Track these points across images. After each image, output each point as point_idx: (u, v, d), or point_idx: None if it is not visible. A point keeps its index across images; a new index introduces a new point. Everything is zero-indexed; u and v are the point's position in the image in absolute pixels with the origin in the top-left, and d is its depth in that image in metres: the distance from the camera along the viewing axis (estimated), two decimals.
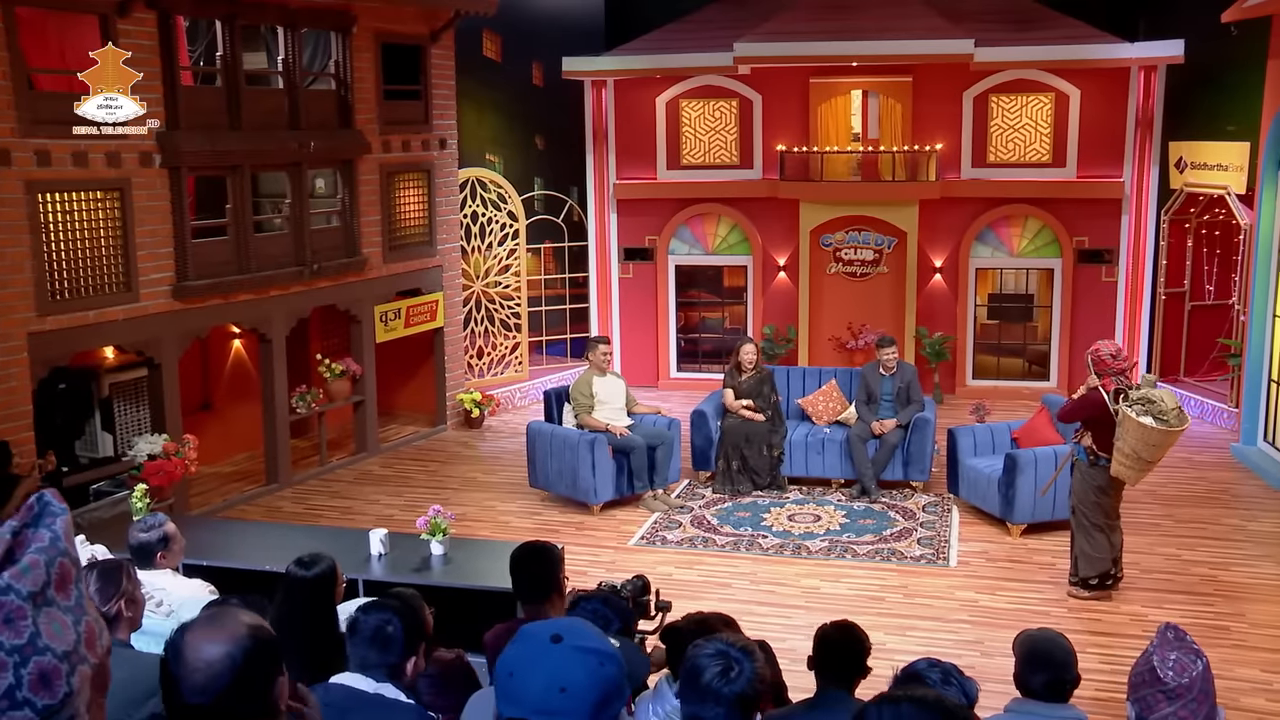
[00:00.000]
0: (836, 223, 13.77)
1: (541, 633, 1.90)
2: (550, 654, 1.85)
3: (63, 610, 1.52)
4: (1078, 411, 7.73)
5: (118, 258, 9.04)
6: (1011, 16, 13.30)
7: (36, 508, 1.59)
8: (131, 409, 9.89)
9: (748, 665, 2.75)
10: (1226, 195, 11.99)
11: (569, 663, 1.84)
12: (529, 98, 15.18)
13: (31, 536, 1.53)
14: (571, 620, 1.98)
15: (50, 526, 1.56)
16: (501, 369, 13.92)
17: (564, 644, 1.87)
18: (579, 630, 1.91)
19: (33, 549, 1.52)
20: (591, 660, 1.86)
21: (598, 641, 1.90)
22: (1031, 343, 13.86)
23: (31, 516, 1.57)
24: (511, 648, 1.92)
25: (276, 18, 10.25)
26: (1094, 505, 7.73)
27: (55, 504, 1.60)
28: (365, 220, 11.29)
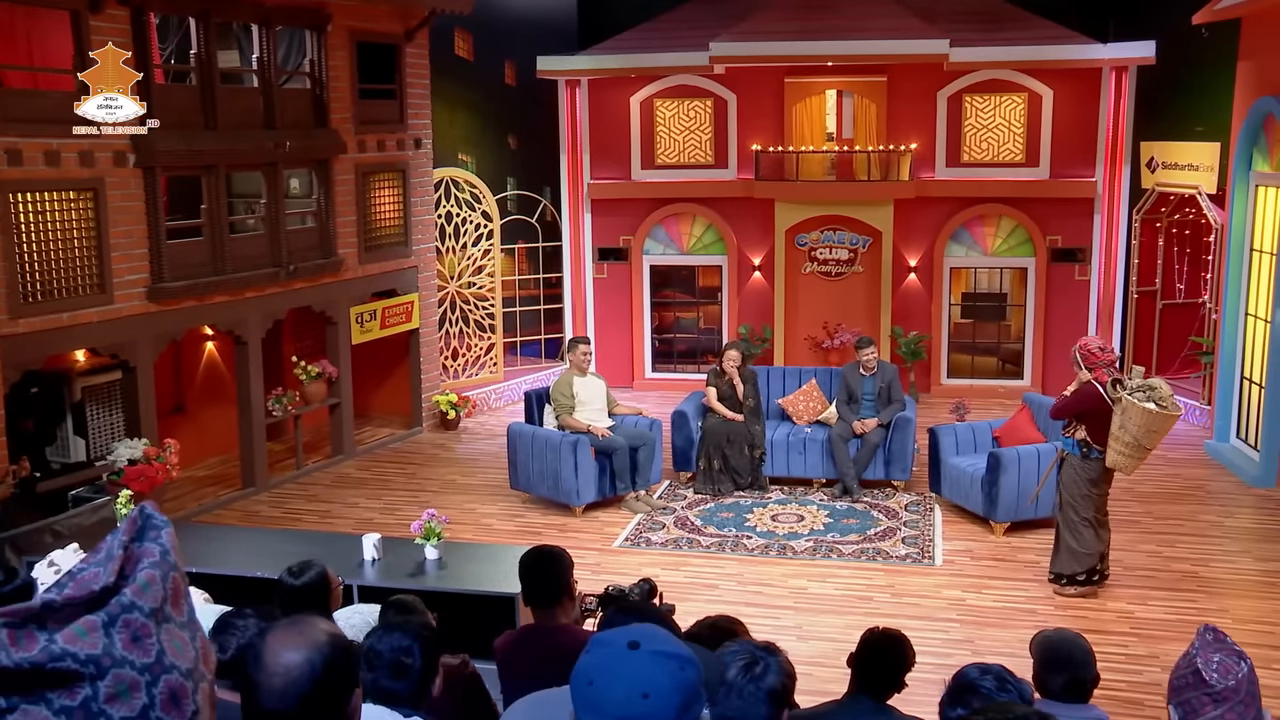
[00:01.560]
0: (811, 222, 13.78)
1: (618, 640, 1.86)
2: (630, 660, 1.82)
3: (179, 626, 1.48)
4: (1074, 405, 7.75)
5: (91, 259, 8.87)
6: (984, 17, 13.38)
7: (140, 521, 1.54)
8: (104, 413, 9.72)
9: (773, 661, 2.73)
10: (1198, 195, 12.13)
11: (650, 668, 1.81)
12: (501, 97, 15.09)
13: (141, 551, 1.49)
14: (644, 626, 1.94)
15: (157, 540, 1.52)
16: (476, 370, 13.83)
17: (642, 650, 1.83)
18: (655, 635, 1.88)
19: (146, 564, 1.47)
20: (672, 664, 1.83)
21: (676, 646, 1.87)
22: (1005, 341, 13.95)
23: (136, 530, 1.52)
24: (588, 656, 1.88)
25: (251, 15, 10.12)
26: (1084, 499, 7.78)
27: (157, 516, 1.56)
28: (341, 221, 11.17)
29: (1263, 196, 10.82)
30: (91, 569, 1.47)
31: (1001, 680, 2.58)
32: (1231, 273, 11.17)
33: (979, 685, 2.60)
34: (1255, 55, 11.01)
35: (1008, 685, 2.57)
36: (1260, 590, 8.13)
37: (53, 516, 7.09)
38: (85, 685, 1.39)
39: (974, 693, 2.59)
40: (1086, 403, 7.65)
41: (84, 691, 1.39)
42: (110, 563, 1.46)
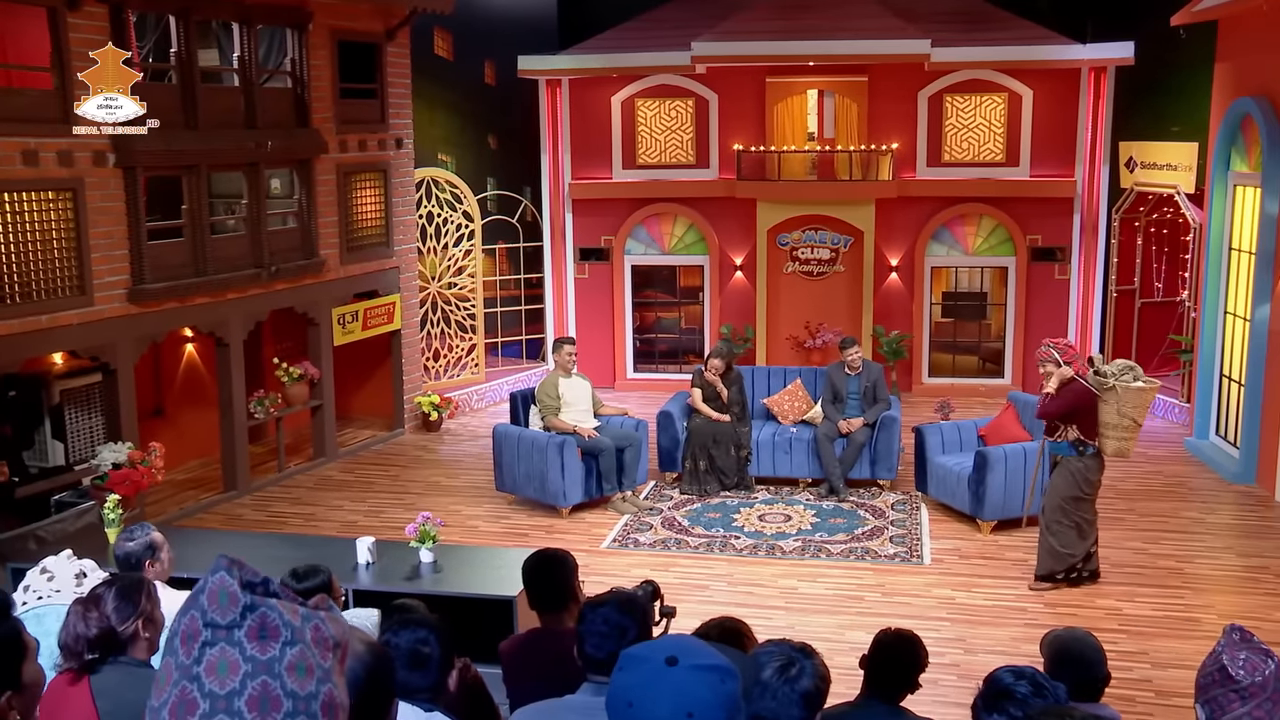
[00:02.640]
0: (793, 222, 13.80)
1: (653, 656, 1.81)
2: (669, 677, 1.77)
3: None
4: (1068, 403, 7.71)
5: (71, 260, 8.74)
6: (965, 17, 13.43)
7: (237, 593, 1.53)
8: (83, 416, 9.57)
9: (809, 664, 2.71)
10: (1176, 194, 12.22)
11: (691, 684, 1.76)
12: (481, 97, 15.01)
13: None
14: (677, 638, 1.89)
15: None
16: (458, 371, 13.75)
17: (681, 665, 1.78)
18: (691, 648, 1.83)
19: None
20: (713, 678, 1.78)
21: (714, 657, 1.82)
22: (986, 340, 14.01)
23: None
24: (624, 675, 1.83)
25: (231, 13, 10.01)
26: (1081, 502, 7.81)
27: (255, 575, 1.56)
28: (323, 221, 11.07)
29: (1241, 196, 10.92)
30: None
31: (1037, 684, 2.57)
32: (1210, 272, 11.26)
33: (1014, 690, 2.58)
34: (1233, 56, 11.11)
35: (1043, 689, 2.56)
36: (1244, 586, 8.20)
37: (36, 522, 6.97)
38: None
39: (1009, 698, 2.57)
40: (1079, 399, 7.67)
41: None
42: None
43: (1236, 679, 2.50)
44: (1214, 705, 2.53)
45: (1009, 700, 2.56)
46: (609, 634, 3.16)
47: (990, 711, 2.57)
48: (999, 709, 2.56)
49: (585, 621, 3.31)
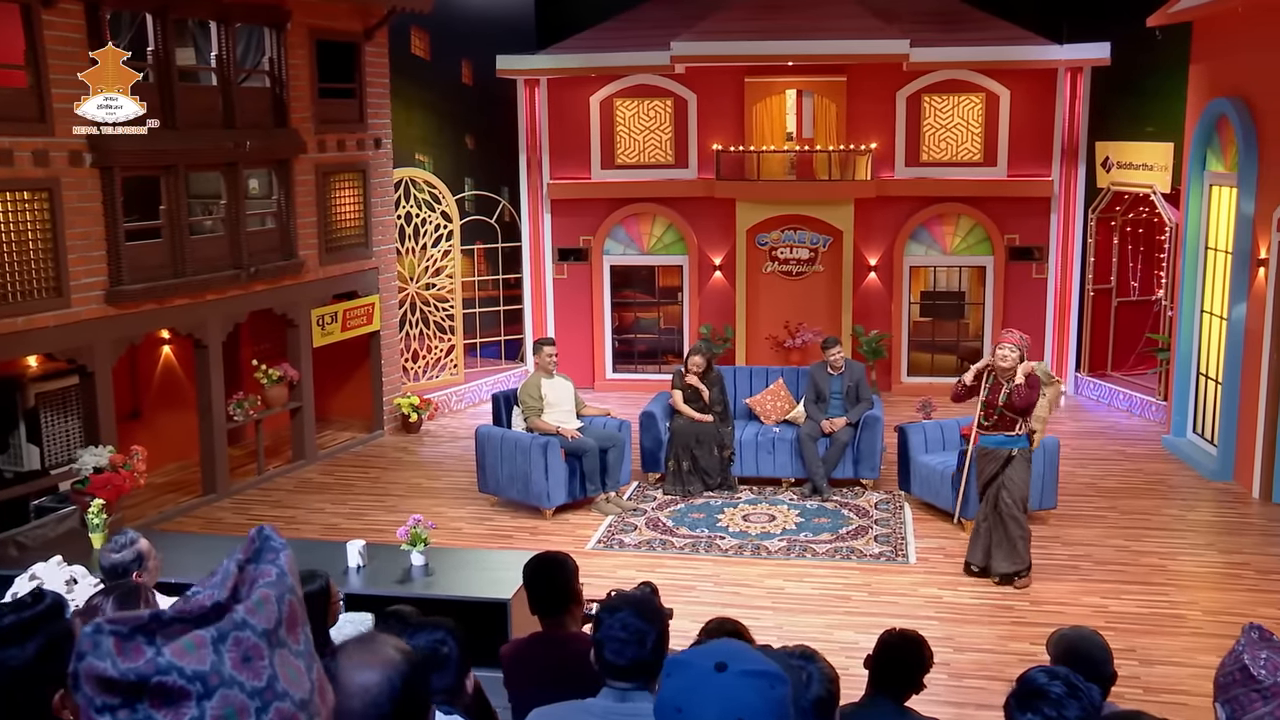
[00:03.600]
0: (772, 222, 13.81)
1: (702, 662, 1.78)
2: (718, 683, 1.74)
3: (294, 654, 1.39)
4: (1035, 395, 7.90)
5: (47, 261, 8.62)
6: (942, 18, 13.49)
7: (257, 543, 1.46)
8: (60, 420, 9.45)
9: (815, 669, 2.69)
10: (1152, 194, 12.32)
11: (741, 690, 1.73)
12: (459, 97, 14.93)
13: (256, 572, 1.41)
14: (724, 643, 1.86)
15: (274, 562, 1.44)
16: (437, 372, 13.68)
17: (730, 671, 1.75)
18: (739, 653, 1.81)
19: (261, 584, 1.39)
20: (763, 684, 1.75)
21: (762, 662, 1.79)
22: (964, 339, 14.07)
23: (253, 551, 1.44)
24: (672, 681, 1.80)
25: (210, 12, 9.90)
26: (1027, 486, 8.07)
27: (276, 538, 1.48)
28: (301, 222, 10.97)
29: (1217, 196, 11.02)
30: (207, 591, 1.39)
31: (1071, 685, 2.56)
32: (1187, 271, 11.35)
33: (1049, 690, 2.57)
34: (1208, 58, 11.21)
35: (1078, 690, 2.55)
36: (1226, 582, 8.26)
37: (15, 528, 6.86)
38: (192, 704, 1.33)
39: (1043, 697, 2.56)
40: (1037, 393, 7.90)
41: (190, 711, 1.33)
42: (225, 581, 1.38)
43: (1258, 678, 2.50)
44: (1235, 705, 2.53)
45: (1043, 700, 2.55)
46: (629, 639, 3.11)
47: (1024, 711, 2.56)
48: (1033, 709, 2.55)
49: (603, 627, 3.27)
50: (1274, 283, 9.69)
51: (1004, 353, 7.95)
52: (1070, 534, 9.11)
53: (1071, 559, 8.63)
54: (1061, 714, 2.53)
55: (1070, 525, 9.30)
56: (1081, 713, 2.52)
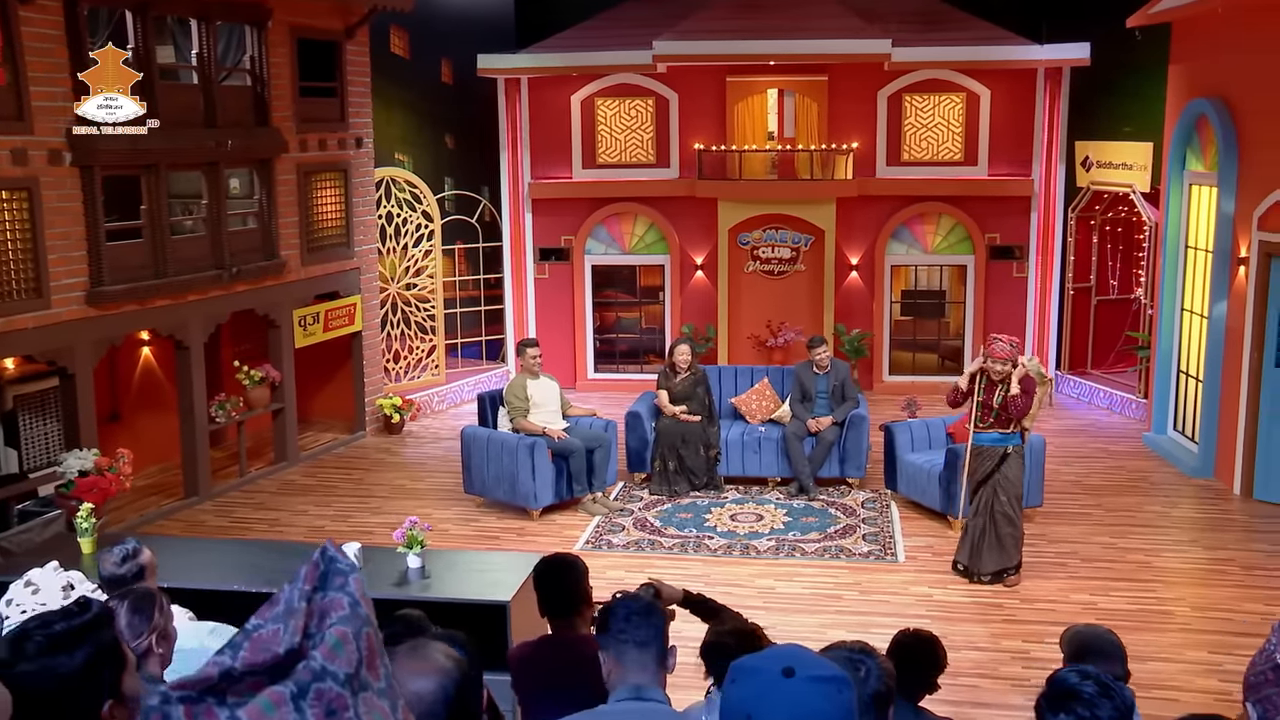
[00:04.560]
0: (754, 221, 13.81)
1: (769, 667, 1.77)
2: (787, 689, 1.72)
3: (378, 694, 1.27)
4: (1025, 405, 7.93)
5: (27, 262, 8.50)
6: (923, 17, 13.53)
7: (322, 566, 1.35)
8: (39, 422, 9.32)
9: (873, 663, 2.67)
10: (1132, 193, 12.40)
11: (810, 696, 1.72)
12: (438, 96, 14.85)
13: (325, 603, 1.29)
14: (789, 648, 1.85)
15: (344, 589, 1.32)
16: (418, 373, 13.59)
17: (798, 676, 1.74)
18: (805, 658, 1.79)
19: (335, 620, 1.27)
20: (830, 689, 1.74)
21: (829, 668, 1.78)
22: (945, 338, 14.13)
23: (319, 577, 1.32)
24: (739, 688, 1.78)
25: (190, 9, 9.79)
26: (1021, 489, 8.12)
27: (341, 559, 1.36)
28: (283, 222, 10.87)
29: (1196, 195, 11.11)
30: (270, 626, 1.28)
31: (1102, 684, 2.56)
32: (1167, 269, 11.44)
33: (1080, 690, 2.56)
34: (1187, 58, 11.30)
35: (1109, 689, 2.55)
36: (1212, 578, 8.32)
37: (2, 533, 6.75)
38: None
39: (1076, 698, 2.55)
40: (1034, 390, 7.99)
41: None
42: (292, 619, 1.26)
43: None
44: (1268, 704, 2.54)
45: (1075, 700, 2.54)
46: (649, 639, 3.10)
47: (1057, 712, 2.55)
48: (1065, 709, 2.54)
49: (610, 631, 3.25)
50: (1254, 281, 9.77)
51: (996, 366, 7.99)
52: (1056, 531, 9.16)
53: (1059, 556, 8.67)
54: (1095, 714, 2.52)
55: (1056, 523, 9.35)
56: (1115, 712, 2.52)
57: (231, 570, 6.09)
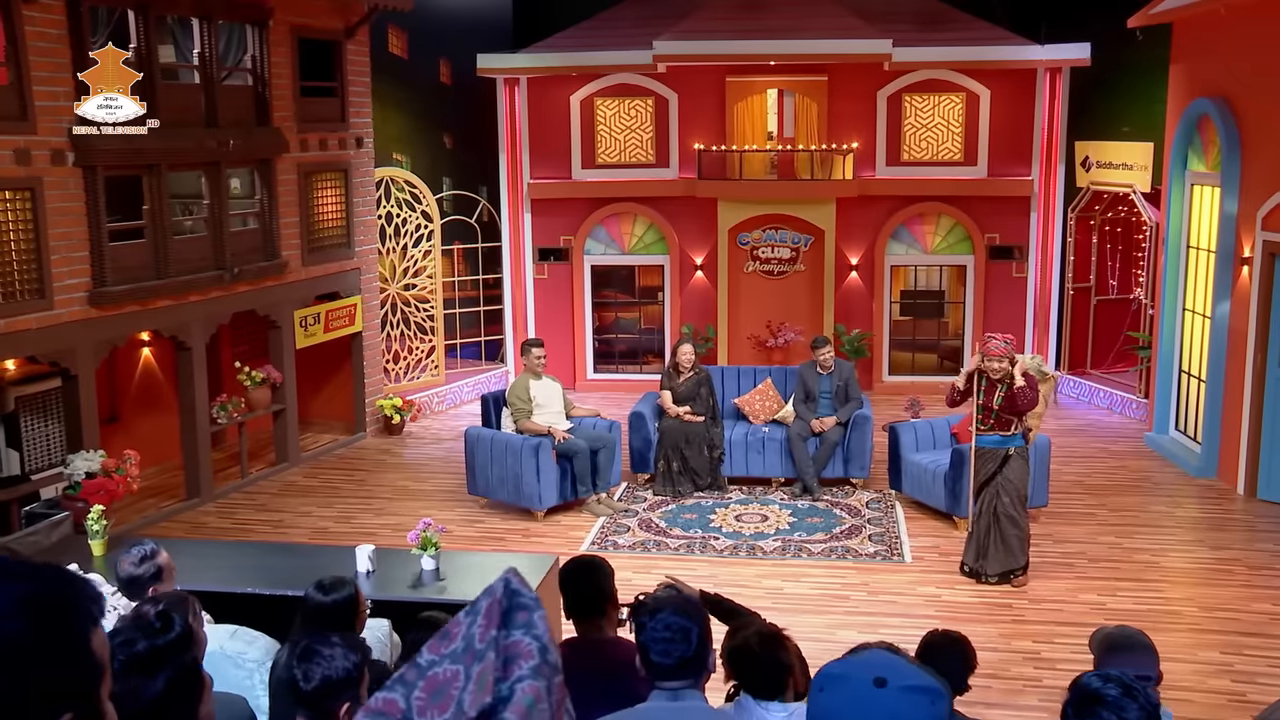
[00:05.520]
0: (753, 221, 13.80)
1: (860, 676, 1.73)
2: (879, 700, 1.69)
3: None
4: (1034, 394, 7.91)
5: (29, 262, 8.44)
6: (922, 17, 13.54)
7: (505, 601, 1.23)
8: (40, 424, 9.25)
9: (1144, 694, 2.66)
10: (1132, 193, 12.42)
11: (904, 707, 1.68)
12: (436, 95, 14.81)
13: (512, 646, 1.18)
14: (877, 655, 1.82)
15: (531, 630, 1.20)
16: (418, 374, 13.55)
17: (891, 686, 1.70)
18: (897, 667, 1.76)
19: (526, 674, 1.16)
20: (924, 700, 1.70)
21: (922, 677, 1.75)
22: (944, 338, 14.13)
23: (502, 614, 1.21)
24: (827, 697, 1.74)
25: (192, 8, 9.73)
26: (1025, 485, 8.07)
27: (525, 592, 1.25)
28: (284, 222, 10.82)
29: (1198, 195, 11.13)
30: (446, 665, 1.18)
31: (1126, 686, 2.54)
32: (1169, 270, 11.46)
33: (1104, 694, 2.55)
34: (1188, 58, 11.32)
35: (1133, 691, 2.54)
36: (1218, 578, 8.33)
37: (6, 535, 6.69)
38: None
39: (1100, 701, 2.54)
40: (1036, 390, 7.96)
41: None
42: (476, 665, 1.16)
43: None
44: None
45: (1100, 704, 2.53)
46: (674, 638, 3.08)
47: (1081, 717, 2.54)
48: (1091, 714, 2.53)
49: (645, 630, 3.22)
50: (1258, 281, 9.79)
51: (993, 365, 7.98)
52: (1062, 531, 9.16)
53: (1065, 556, 8.67)
54: (1122, 716, 2.51)
55: (1061, 523, 9.35)
56: (1141, 714, 2.51)
57: (241, 572, 6.04)
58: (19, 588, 1.20)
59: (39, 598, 1.21)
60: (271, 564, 6.09)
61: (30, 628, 1.18)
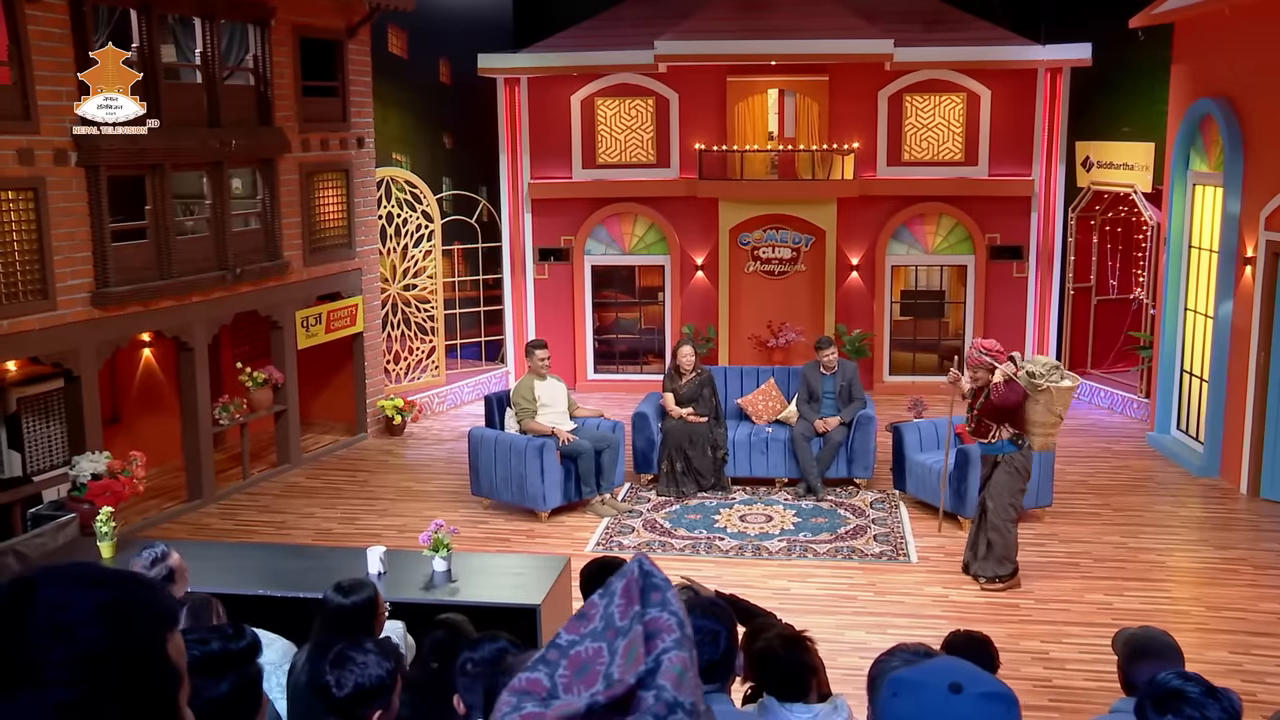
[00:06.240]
0: (754, 221, 13.80)
1: (936, 682, 1.71)
2: (956, 707, 1.67)
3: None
4: (1011, 400, 7.80)
5: (32, 263, 8.40)
6: (923, 17, 13.54)
7: (640, 581, 1.27)
8: (42, 425, 9.20)
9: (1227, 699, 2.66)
10: (1134, 193, 12.44)
11: (980, 714, 1.67)
12: (436, 95, 14.77)
13: (650, 622, 1.22)
14: (951, 661, 1.80)
15: (666, 606, 1.25)
16: (419, 374, 13.52)
17: (967, 693, 1.69)
18: (971, 674, 1.74)
19: (669, 646, 1.20)
20: (1000, 707, 1.69)
21: (996, 684, 1.73)
22: (945, 338, 14.14)
23: (639, 594, 1.25)
24: (903, 703, 1.72)
25: (194, 8, 9.69)
26: (1018, 495, 7.95)
27: (657, 572, 1.29)
28: (286, 222, 10.79)
29: (1201, 195, 11.14)
30: (587, 644, 1.22)
31: (1209, 687, 2.54)
32: (1171, 269, 11.47)
33: (1185, 691, 2.55)
34: (1190, 58, 11.33)
35: (1215, 692, 2.53)
36: (1224, 577, 8.34)
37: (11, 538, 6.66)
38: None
39: (1182, 698, 2.54)
40: (1019, 397, 7.81)
41: None
42: (621, 639, 1.21)
43: None
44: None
45: (1183, 701, 2.52)
46: (702, 641, 3.07)
47: (1163, 713, 2.53)
48: (1173, 709, 2.52)
49: None
50: (1261, 281, 9.81)
51: (978, 374, 7.99)
52: (1067, 531, 9.17)
53: (1070, 556, 8.68)
54: (1204, 714, 2.50)
55: (1066, 523, 9.36)
56: (1223, 714, 2.50)
57: (251, 574, 6.02)
58: (96, 594, 1.19)
59: (116, 604, 1.19)
60: (282, 566, 6.06)
61: (109, 634, 1.17)
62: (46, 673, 1.13)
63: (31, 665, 1.14)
